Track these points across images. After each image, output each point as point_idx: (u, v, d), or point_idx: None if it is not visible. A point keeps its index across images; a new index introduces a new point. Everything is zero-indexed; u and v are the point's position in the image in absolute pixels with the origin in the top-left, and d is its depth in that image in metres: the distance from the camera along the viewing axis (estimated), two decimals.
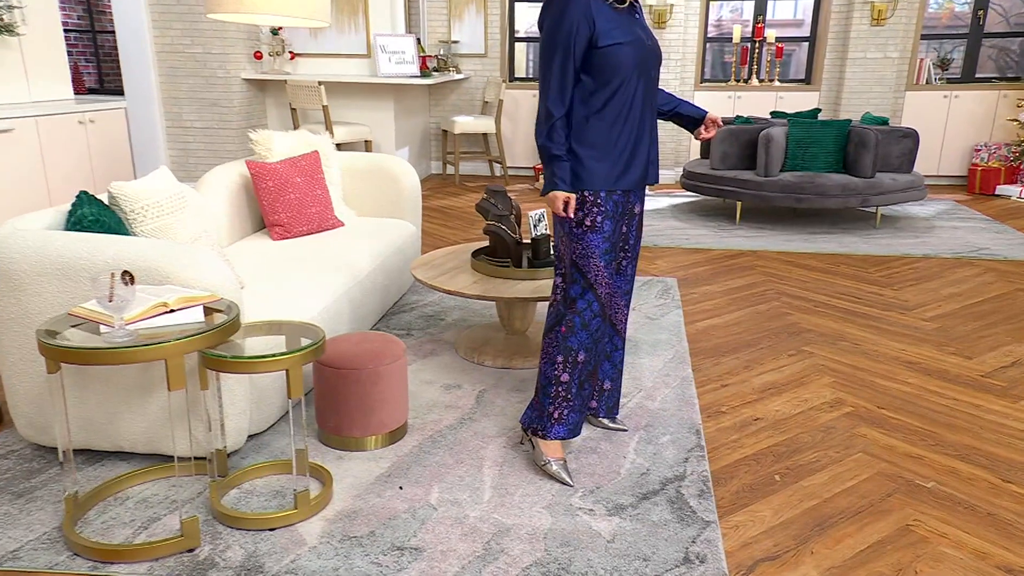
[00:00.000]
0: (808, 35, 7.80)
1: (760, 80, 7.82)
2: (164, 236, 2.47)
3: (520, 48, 8.23)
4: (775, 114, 6.36)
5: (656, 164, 2.34)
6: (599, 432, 2.60)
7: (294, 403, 2.07)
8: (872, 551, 2.01)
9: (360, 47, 6.66)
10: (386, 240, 3.64)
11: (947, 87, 7.47)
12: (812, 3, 7.69)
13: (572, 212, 2.20)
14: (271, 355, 1.99)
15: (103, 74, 8.69)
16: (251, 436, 2.54)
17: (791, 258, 4.95)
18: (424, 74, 6.80)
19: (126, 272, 1.82)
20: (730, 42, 7.84)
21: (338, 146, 6.41)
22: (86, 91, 8.45)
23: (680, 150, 7.89)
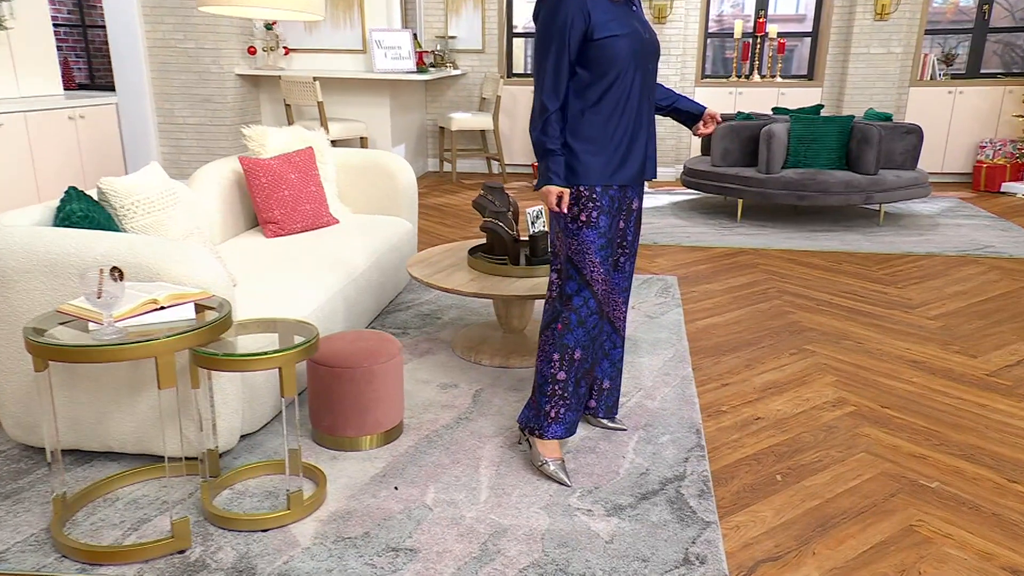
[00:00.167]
0: (810, 30, 7.75)
1: (762, 76, 7.78)
2: (155, 233, 2.44)
3: (518, 43, 8.17)
4: (777, 110, 6.32)
5: (654, 159, 2.32)
6: (598, 432, 2.57)
7: (287, 402, 2.04)
8: (875, 552, 1.99)
9: (355, 42, 6.60)
10: (381, 237, 3.60)
11: (952, 83, 7.42)
12: None
13: (566, 207, 2.17)
14: (264, 353, 1.96)
15: (94, 69, 8.62)
16: (243, 436, 2.51)
17: (793, 256, 4.91)
18: (421, 70, 6.75)
19: (115, 268, 1.78)
20: (731, 37, 7.80)
21: (333, 143, 6.35)
22: (76, 87, 8.38)
23: (680, 147, 7.85)
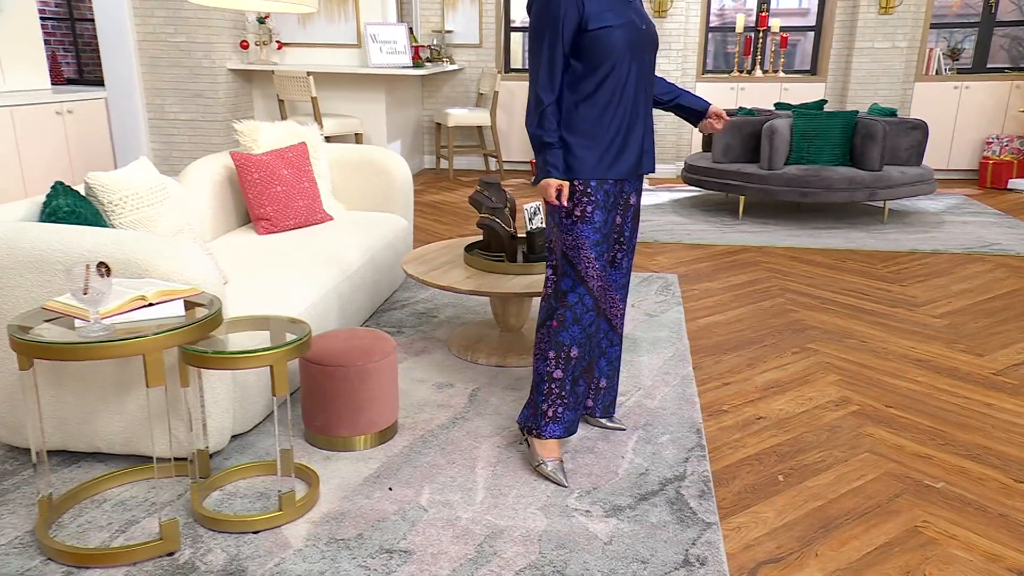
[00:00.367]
0: (814, 24, 7.70)
1: (764, 71, 7.72)
2: (144, 229, 2.40)
3: (516, 38, 8.10)
4: (779, 105, 6.27)
5: (651, 153, 2.27)
6: (596, 432, 2.53)
7: (279, 401, 2.01)
8: (879, 553, 1.96)
9: (350, 36, 6.53)
10: (376, 235, 3.56)
11: (957, 77, 7.35)
12: None
13: (565, 200, 2.13)
14: (255, 351, 1.92)
15: (82, 64, 8.51)
16: (234, 436, 2.47)
17: (796, 254, 4.86)
18: (417, 65, 6.69)
19: (102, 263, 1.74)
20: (733, 32, 7.75)
21: (327, 140, 6.30)
22: (64, 81, 8.28)
23: (681, 143, 7.80)
